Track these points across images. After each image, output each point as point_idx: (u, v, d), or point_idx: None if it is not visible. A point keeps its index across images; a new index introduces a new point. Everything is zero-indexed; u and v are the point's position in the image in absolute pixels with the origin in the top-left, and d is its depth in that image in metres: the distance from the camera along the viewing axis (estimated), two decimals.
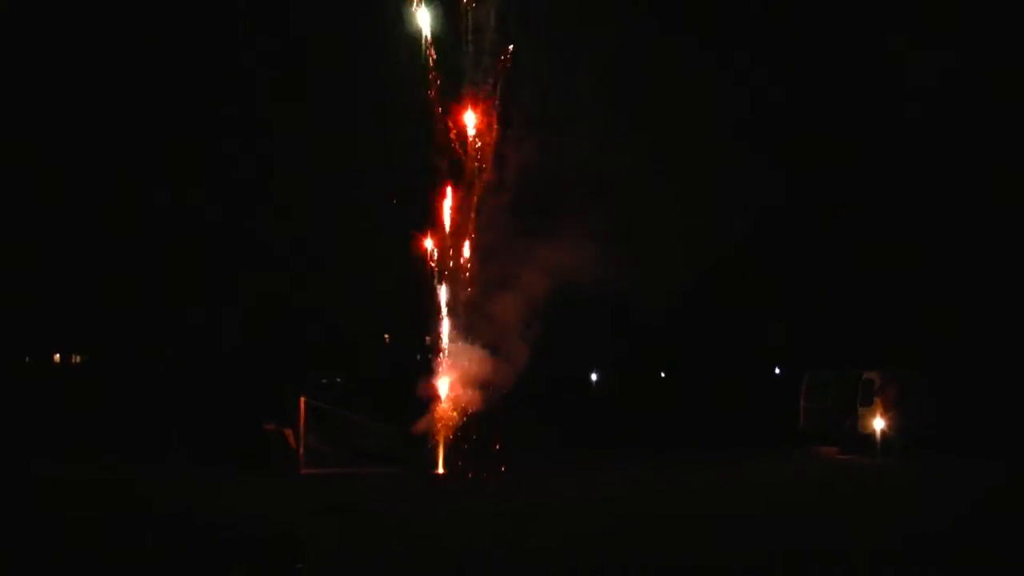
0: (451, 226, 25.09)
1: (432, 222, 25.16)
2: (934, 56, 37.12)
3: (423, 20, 24.54)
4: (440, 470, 23.84)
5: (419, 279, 25.05)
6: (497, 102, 25.66)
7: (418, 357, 25.43)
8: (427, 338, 24.62)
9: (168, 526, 18.32)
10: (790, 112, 39.71)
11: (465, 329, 24.99)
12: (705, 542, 18.07)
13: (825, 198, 41.71)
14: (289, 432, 23.31)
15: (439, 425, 24.03)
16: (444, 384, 24.40)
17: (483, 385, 24.66)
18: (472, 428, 24.26)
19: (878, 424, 28.89)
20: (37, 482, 21.86)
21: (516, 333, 24.96)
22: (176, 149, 38.10)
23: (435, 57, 24.99)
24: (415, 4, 24.42)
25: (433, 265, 24.89)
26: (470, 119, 25.08)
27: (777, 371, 48.25)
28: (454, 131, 24.99)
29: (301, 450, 22.97)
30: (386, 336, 33.25)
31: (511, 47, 25.36)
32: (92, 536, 17.29)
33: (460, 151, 25.00)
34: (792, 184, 40.28)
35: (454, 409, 24.20)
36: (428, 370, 24.62)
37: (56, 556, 16.13)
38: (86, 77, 37.76)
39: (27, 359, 38.72)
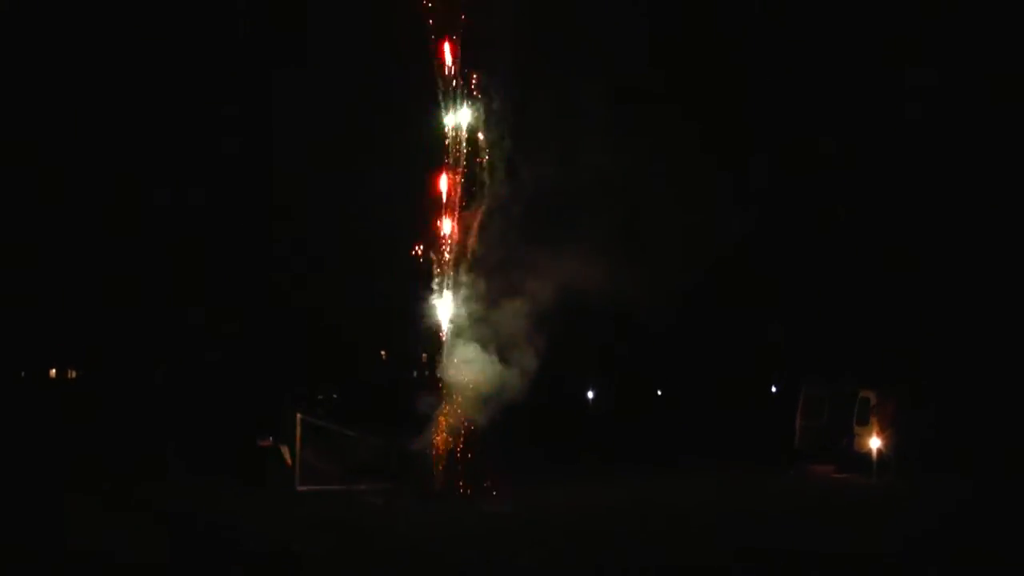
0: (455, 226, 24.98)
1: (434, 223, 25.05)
2: (933, 58, 37.11)
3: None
4: (437, 486, 23.88)
5: (420, 283, 24.94)
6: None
7: (415, 374, 25.33)
8: (424, 355, 24.56)
9: (167, 540, 18.51)
10: (789, 114, 39.61)
11: (469, 334, 24.82)
12: (703, 551, 18.34)
13: (824, 201, 41.61)
14: (285, 449, 23.36)
15: (438, 441, 24.01)
16: (445, 396, 24.30)
17: (488, 396, 24.49)
18: (471, 443, 24.25)
19: (874, 443, 28.73)
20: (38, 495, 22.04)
21: (523, 339, 24.82)
22: (176, 149, 38.04)
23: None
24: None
25: (437, 263, 24.75)
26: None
27: (774, 389, 48.24)
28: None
29: (297, 467, 23.03)
30: (383, 352, 33.17)
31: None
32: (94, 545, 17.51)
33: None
34: (791, 186, 40.27)
35: (454, 423, 24.13)
36: (426, 385, 24.57)
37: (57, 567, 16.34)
38: (86, 77, 37.71)
39: (23, 374, 38.74)
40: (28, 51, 36.84)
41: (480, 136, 25.19)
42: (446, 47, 24.86)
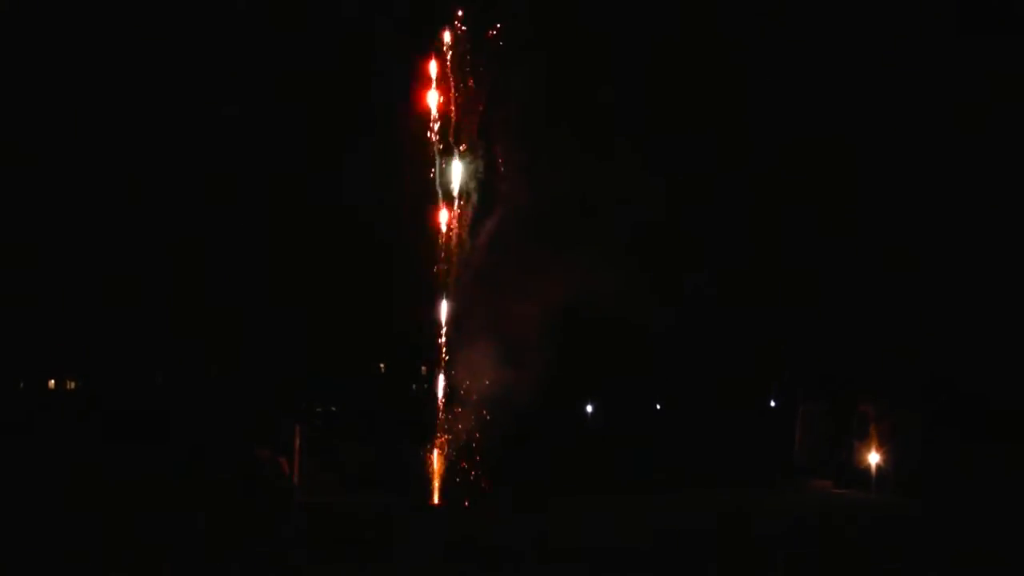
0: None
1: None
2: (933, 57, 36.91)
3: None
4: (435, 499, 23.95)
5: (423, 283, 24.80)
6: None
7: (414, 387, 25.31)
8: (423, 368, 24.53)
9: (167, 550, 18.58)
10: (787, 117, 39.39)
11: (476, 335, 24.62)
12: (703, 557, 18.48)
13: (824, 200, 41.28)
14: (284, 459, 23.37)
15: (438, 453, 24.02)
16: (447, 405, 24.23)
17: (495, 402, 24.33)
18: (471, 456, 24.32)
19: (873, 458, 28.65)
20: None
21: (532, 342, 24.67)
22: (176, 149, 37.87)
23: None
24: None
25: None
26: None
27: (773, 403, 47.94)
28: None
29: (296, 477, 23.05)
30: (381, 365, 33.01)
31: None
32: None
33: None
34: (791, 186, 40.03)
35: (456, 435, 24.10)
36: (426, 399, 24.49)
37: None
38: (86, 77, 37.54)
39: (21, 384, 38.62)
40: (28, 51, 36.66)
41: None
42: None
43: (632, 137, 31.80)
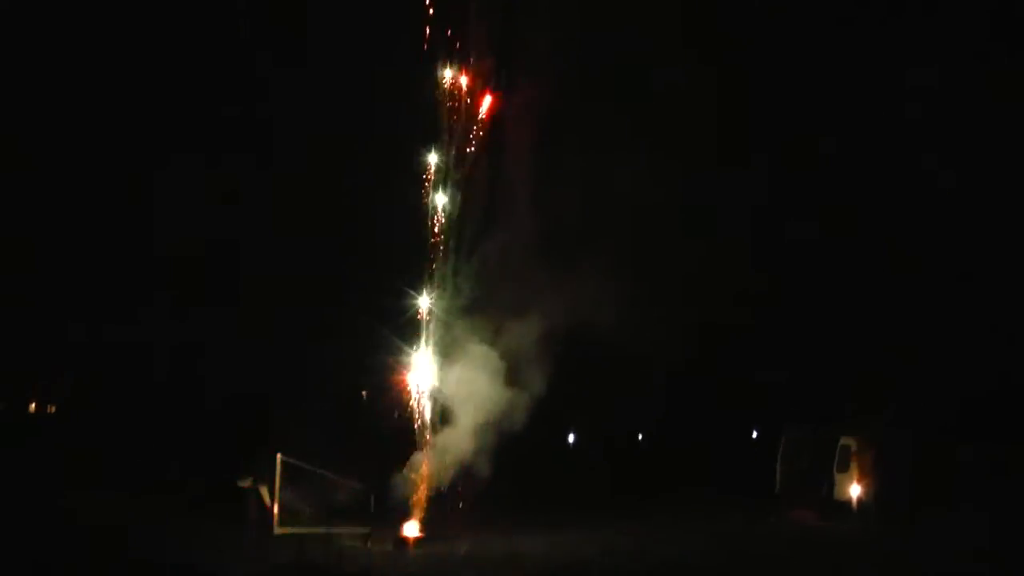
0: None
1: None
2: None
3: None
4: (416, 530, 23.98)
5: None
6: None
7: (396, 415, 25.23)
8: (406, 395, 24.46)
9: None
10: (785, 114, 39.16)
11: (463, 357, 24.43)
12: None
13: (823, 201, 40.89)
14: (264, 489, 23.36)
15: (418, 483, 24.05)
16: (430, 429, 24.17)
17: (486, 423, 24.16)
18: (453, 487, 24.38)
19: (855, 491, 28.61)
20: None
21: (529, 355, 24.47)
22: (176, 148, 37.94)
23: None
24: None
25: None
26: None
27: (754, 434, 47.73)
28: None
29: (276, 508, 23.07)
30: (364, 392, 33.00)
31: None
32: None
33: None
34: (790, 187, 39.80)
35: (437, 464, 24.08)
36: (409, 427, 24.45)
37: None
38: (86, 76, 37.58)
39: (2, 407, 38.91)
40: (28, 51, 36.72)
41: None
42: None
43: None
